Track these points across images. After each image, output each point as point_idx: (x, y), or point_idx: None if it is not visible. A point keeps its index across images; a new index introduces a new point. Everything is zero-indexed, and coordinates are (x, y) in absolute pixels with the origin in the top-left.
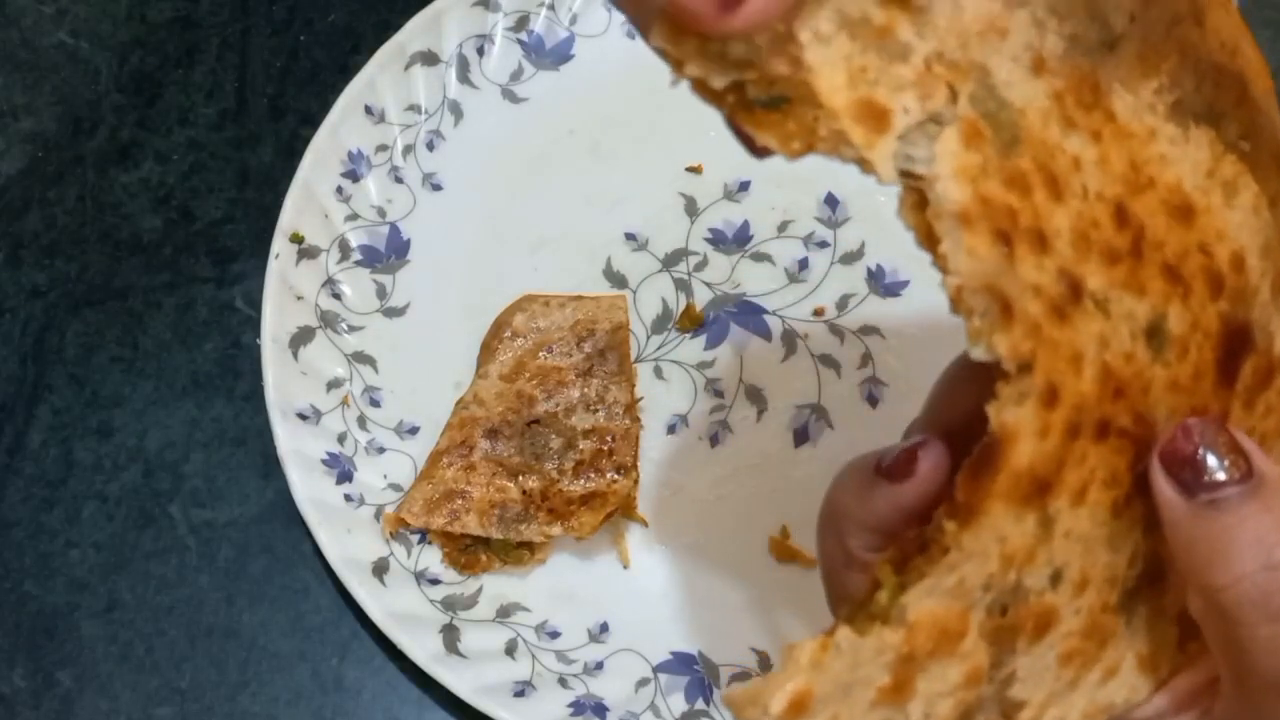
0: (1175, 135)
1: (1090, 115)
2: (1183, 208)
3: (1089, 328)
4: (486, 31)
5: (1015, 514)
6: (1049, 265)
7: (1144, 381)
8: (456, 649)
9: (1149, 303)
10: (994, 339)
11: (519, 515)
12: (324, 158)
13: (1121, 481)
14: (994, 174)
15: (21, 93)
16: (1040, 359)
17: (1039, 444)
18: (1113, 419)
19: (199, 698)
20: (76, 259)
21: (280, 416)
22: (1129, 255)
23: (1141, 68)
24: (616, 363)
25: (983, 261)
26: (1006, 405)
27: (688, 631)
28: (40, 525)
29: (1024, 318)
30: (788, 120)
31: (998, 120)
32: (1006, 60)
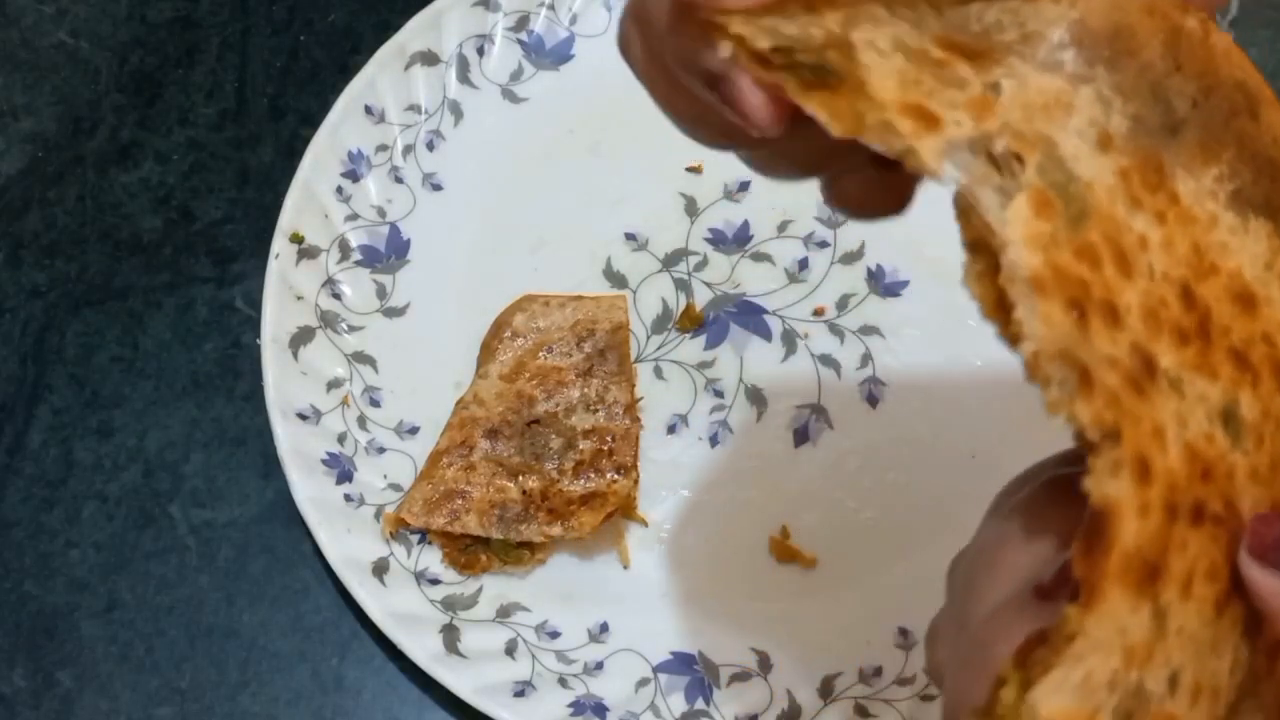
0: (1235, 224)
1: (1155, 196)
2: (1245, 296)
3: (1166, 405)
4: (486, 31)
5: (1131, 602)
6: (1122, 339)
7: (1227, 466)
8: (456, 649)
9: (1221, 386)
10: (1075, 407)
11: (519, 515)
12: (324, 158)
13: (1220, 575)
14: (1065, 245)
15: (21, 93)
16: (1125, 429)
17: (1142, 523)
18: (1206, 502)
19: (199, 698)
20: (76, 259)
21: (280, 416)
22: (1198, 337)
23: (1203, 154)
24: (616, 363)
25: (1058, 329)
26: (1103, 476)
27: (688, 631)
28: (40, 525)
29: (1103, 388)
30: (836, 97)
31: (1067, 192)
32: (1073, 135)
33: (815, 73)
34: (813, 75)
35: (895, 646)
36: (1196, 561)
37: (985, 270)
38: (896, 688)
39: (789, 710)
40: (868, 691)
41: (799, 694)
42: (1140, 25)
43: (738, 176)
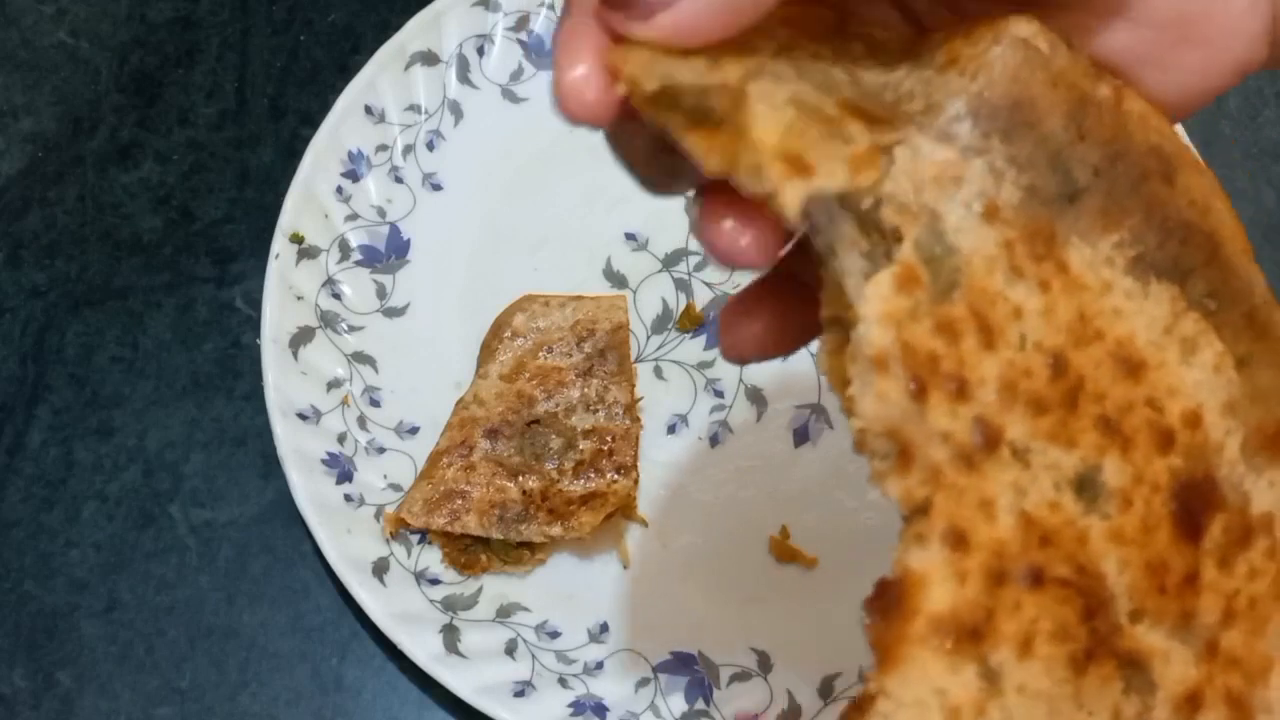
0: (1133, 290)
1: (1041, 265)
2: (1131, 362)
3: (1002, 476)
4: (486, 31)
5: (949, 663)
6: (964, 413)
7: (1077, 531)
8: (456, 649)
9: (1079, 454)
10: (888, 482)
11: (519, 515)
12: (324, 158)
13: (1076, 636)
14: (923, 319)
15: (21, 93)
16: (938, 504)
17: (958, 589)
18: (1045, 567)
19: (199, 698)
20: (76, 259)
21: (280, 416)
22: (1060, 406)
23: (1103, 221)
24: (616, 363)
25: (890, 407)
26: (908, 548)
27: (688, 631)
28: (40, 525)
29: (924, 463)
30: (715, 135)
31: (939, 265)
32: (959, 207)
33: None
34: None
35: None
36: (1037, 623)
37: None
38: None
39: (789, 710)
40: None
41: (799, 694)
42: (1042, 97)
43: None
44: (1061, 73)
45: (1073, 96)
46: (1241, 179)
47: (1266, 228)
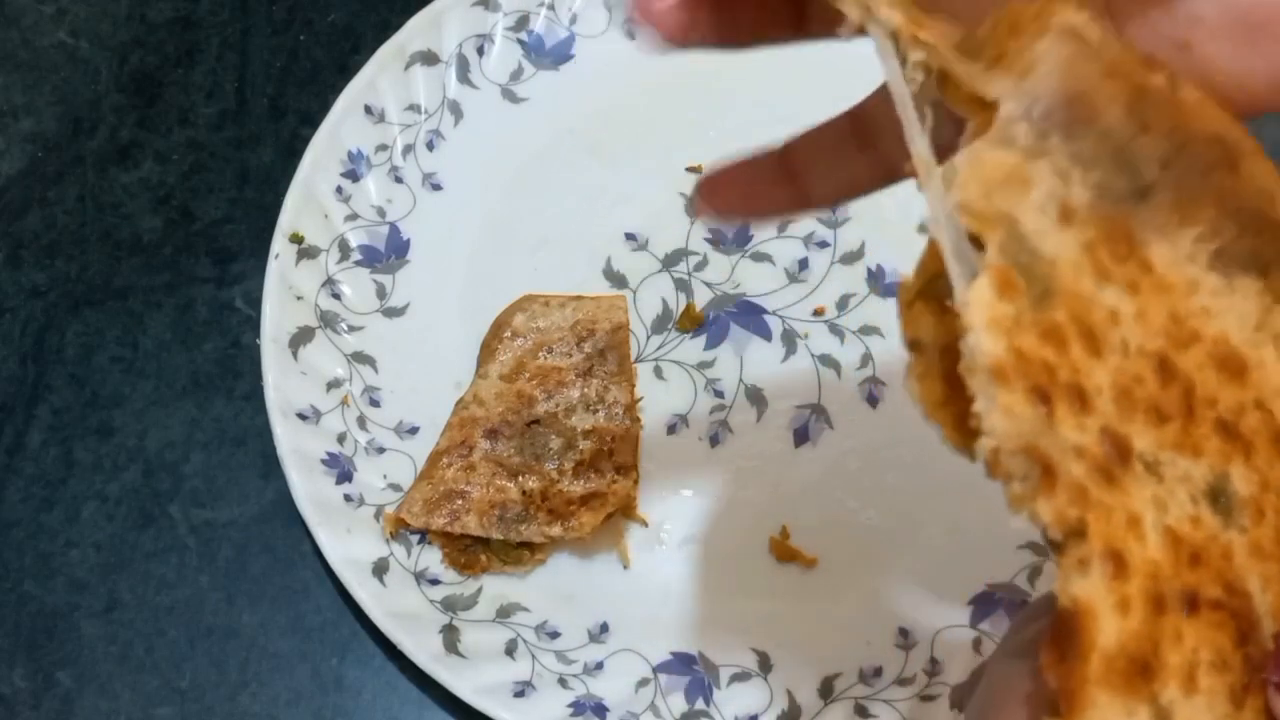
0: (1219, 286)
1: (1125, 266)
2: (1232, 363)
3: (1141, 492)
4: (486, 31)
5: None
6: (1091, 425)
7: (1221, 547)
8: (456, 649)
9: (1206, 463)
10: (1037, 505)
11: (519, 515)
12: (324, 158)
13: (1232, 665)
14: (1029, 327)
15: (21, 93)
16: (1092, 524)
17: (1123, 620)
18: (1199, 589)
19: (199, 698)
20: (76, 259)
21: (280, 416)
22: (1178, 413)
23: (1179, 216)
24: (616, 363)
25: (1020, 421)
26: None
27: (688, 631)
28: (40, 525)
29: (1068, 481)
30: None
31: (1030, 271)
32: (1033, 211)
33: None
34: None
35: (895, 646)
36: (1198, 652)
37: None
38: (896, 688)
39: (789, 710)
40: (868, 691)
41: (799, 694)
42: (1099, 90)
43: None
44: (1115, 63)
45: (1129, 87)
46: None
47: None
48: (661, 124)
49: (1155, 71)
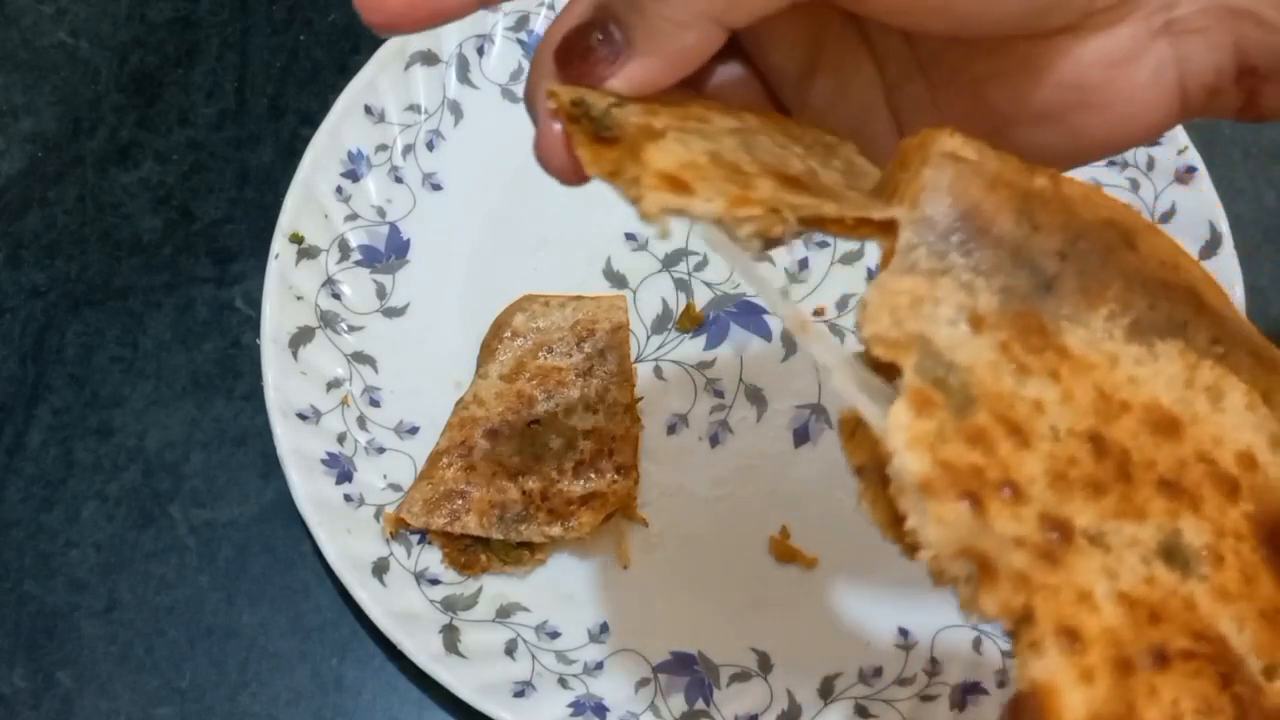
0: (1140, 355)
1: (1043, 356)
2: (1166, 423)
3: (1088, 565)
4: (486, 31)
5: None
6: (1027, 514)
7: (1183, 600)
8: (456, 649)
9: (1154, 523)
10: (981, 601)
11: (519, 515)
12: (324, 158)
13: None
14: (953, 437)
15: (21, 93)
16: (1040, 606)
17: (1090, 689)
18: (1165, 643)
19: (199, 698)
20: (76, 259)
21: (280, 416)
22: (1116, 482)
23: (1086, 299)
24: (616, 363)
25: (953, 527)
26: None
27: (688, 631)
28: (40, 525)
29: (1008, 572)
30: (609, 151)
31: (947, 384)
32: (943, 325)
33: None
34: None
35: (895, 646)
36: (1179, 704)
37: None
38: (896, 688)
39: (789, 710)
40: (868, 691)
41: (799, 694)
42: (985, 202)
43: None
44: (997, 175)
45: (1014, 194)
46: (1241, 179)
47: (1267, 228)
48: None
49: (1036, 175)
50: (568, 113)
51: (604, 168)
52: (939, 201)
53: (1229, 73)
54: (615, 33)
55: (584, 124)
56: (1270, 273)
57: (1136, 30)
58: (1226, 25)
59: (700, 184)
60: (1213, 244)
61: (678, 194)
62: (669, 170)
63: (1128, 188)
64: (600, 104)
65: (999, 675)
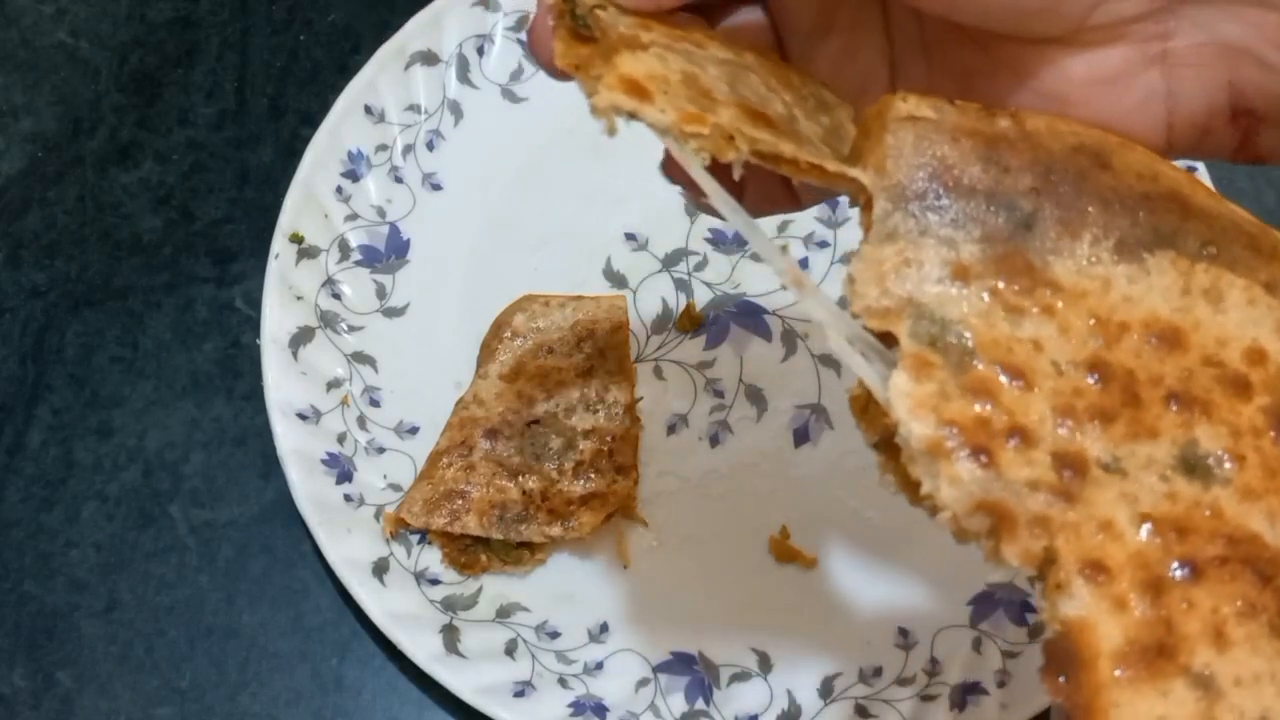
0: (1132, 273)
1: (1034, 295)
2: (1168, 334)
3: (1106, 495)
4: (486, 31)
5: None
6: (1039, 457)
7: (1208, 508)
8: (456, 649)
9: (1168, 439)
10: (1004, 552)
11: (519, 515)
12: (324, 158)
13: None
14: (955, 393)
15: (21, 93)
16: (1061, 546)
17: (1123, 616)
18: (1196, 555)
19: (199, 698)
20: (76, 259)
21: (280, 416)
22: (1124, 407)
23: (1068, 230)
24: (616, 363)
25: (966, 484)
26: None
27: (688, 631)
28: (40, 525)
29: (1026, 518)
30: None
31: (944, 342)
32: (931, 284)
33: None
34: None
35: (895, 646)
36: (1218, 611)
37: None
38: (896, 688)
39: (789, 710)
40: (868, 691)
41: (799, 694)
42: (951, 155)
43: None
44: (957, 126)
45: (979, 141)
46: (1241, 179)
47: None
48: None
49: (999, 117)
50: (558, 7)
51: (570, 60)
52: (905, 164)
53: (1223, 112)
54: None
55: (567, 20)
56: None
57: (1129, 54)
58: (1224, 63)
59: (660, 95)
60: None
61: (633, 97)
62: (634, 76)
63: None
64: (587, 3)
65: (999, 675)
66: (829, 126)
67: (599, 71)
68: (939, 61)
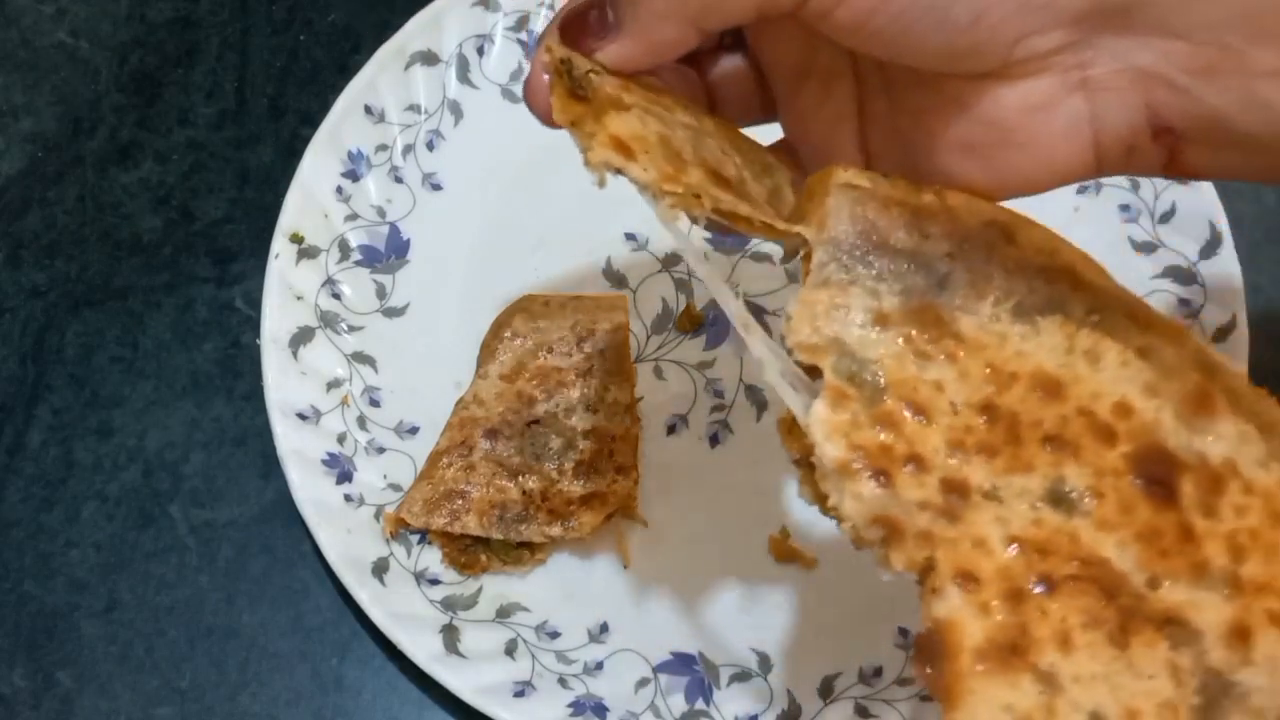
0: (1025, 332)
1: (941, 343)
2: (1050, 386)
3: (982, 517)
4: (486, 31)
5: (1007, 681)
6: (930, 481)
7: (1067, 534)
8: (456, 649)
9: (1040, 474)
10: (892, 559)
11: (519, 515)
12: (324, 158)
13: (1104, 618)
14: (865, 423)
15: (21, 93)
16: (940, 557)
17: (985, 619)
18: (1053, 572)
19: (199, 698)
20: (76, 259)
21: (280, 416)
22: (1006, 444)
23: (975, 291)
24: (616, 363)
25: (866, 501)
26: (929, 604)
27: (688, 631)
28: (40, 525)
29: (913, 532)
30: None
31: (859, 378)
32: (854, 327)
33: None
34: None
35: (895, 646)
36: (1067, 620)
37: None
38: (896, 688)
39: (789, 710)
40: (868, 691)
41: (799, 694)
42: (880, 220)
43: None
44: (888, 197)
45: (905, 210)
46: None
47: (1267, 228)
48: None
49: (924, 192)
50: (556, 67)
51: (567, 117)
52: (841, 224)
53: (1144, 131)
54: (610, 14)
55: (565, 80)
56: (1270, 273)
57: (1054, 83)
58: (1139, 87)
59: (643, 155)
60: (1213, 244)
61: (621, 155)
62: (621, 136)
63: (1128, 187)
64: (582, 67)
65: None
66: (771, 188)
67: (591, 129)
68: (898, 99)
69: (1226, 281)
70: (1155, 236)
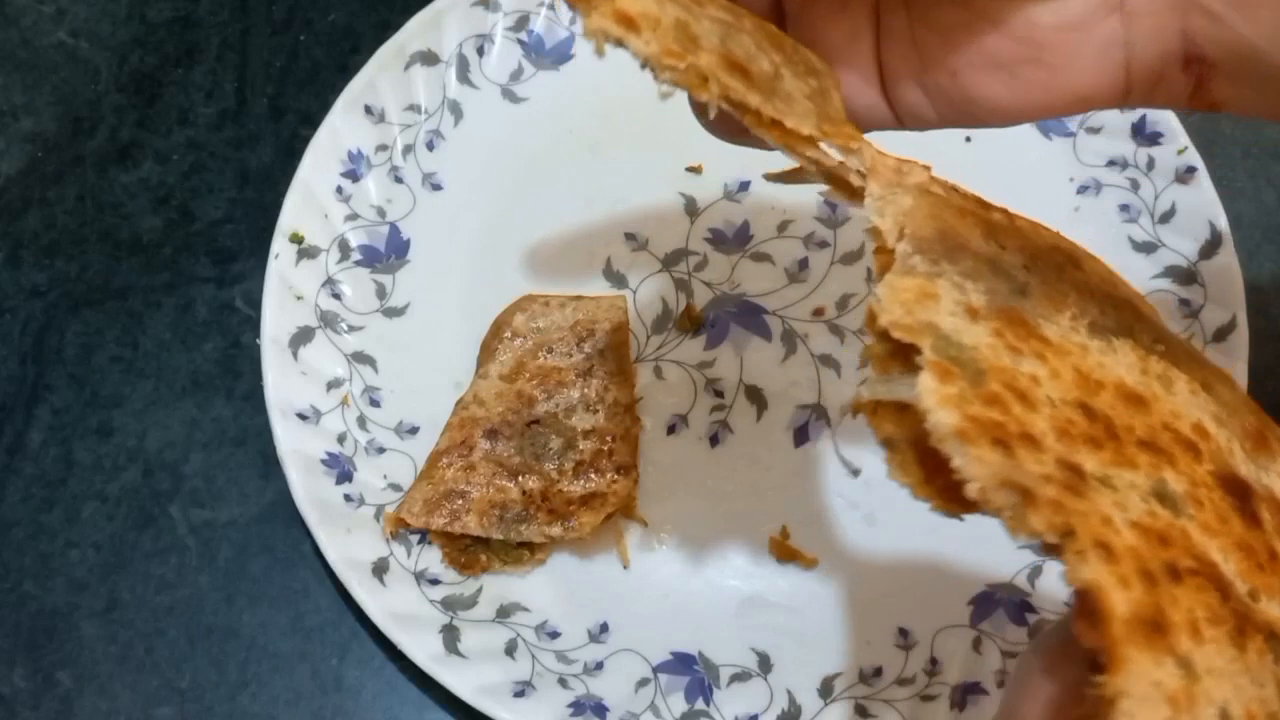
0: (1102, 348)
1: (1029, 343)
2: (1134, 398)
3: (1103, 499)
4: (486, 31)
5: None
6: (1046, 459)
7: (1179, 530)
8: (456, 649)
9: (1144, 472)
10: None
11: (519, 515)
12: (324, 158)
13: (1223, 616)
14: (973, 399)
15: (21, 93)
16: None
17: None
18: (1176, 561)
19: (199, 698)
20: (76, 259)
21: (280, 416)
22: (1108, 439)
23: (1052, 303)
24: (616, 363)
25: (992, 464)
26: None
27: (688, 631)
28: (40, 525)
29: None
30: None
31: (961, 360)
32: (946, 315)
33: None
34: None
35: (895, 646)
36: (1193, 611)
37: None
38: (896, 688)
39: (789, 710)
40: (868, 691)
41: (799, 694)
42: (958, 226)
43: (738, 176)
44: (962, 208)
45: (979, 222)
46: (1241, 179)
47: (1267, 228)
48: (661, 124)
49: (993, 210)
50: None
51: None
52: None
53: (1176, 59)
54: None
55: None
56: (1270, 273)
57: (1092, 2)
58: (1176, 13)
59: (648, 31)
60: (1213, 244)
61: (623, 27)
62: (627, 10)
63: (1128, 187)
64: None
65: (999, 675)
66: (815, 88)
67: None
68: (921, 12)
69: (1226, 281)
70: (1155, 236)
